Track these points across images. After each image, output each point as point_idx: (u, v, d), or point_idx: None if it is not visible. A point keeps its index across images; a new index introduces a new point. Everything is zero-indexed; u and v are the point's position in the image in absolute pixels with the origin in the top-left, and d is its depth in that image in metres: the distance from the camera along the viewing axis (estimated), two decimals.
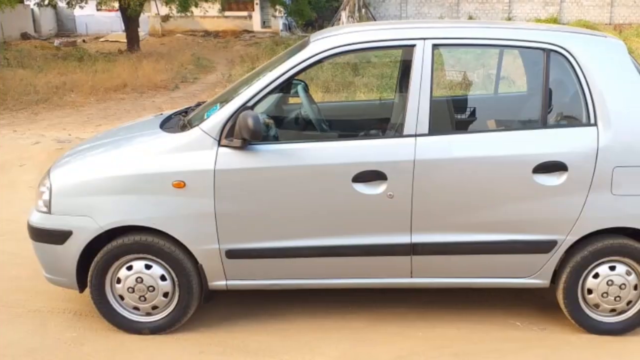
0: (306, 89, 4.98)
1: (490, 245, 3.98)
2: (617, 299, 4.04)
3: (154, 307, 4.07)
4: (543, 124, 3.99)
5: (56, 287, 4.33)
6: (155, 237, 3.94)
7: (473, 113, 5.07)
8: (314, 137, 4.47)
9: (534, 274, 4.06)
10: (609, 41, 4.13)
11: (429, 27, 4.19)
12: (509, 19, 37.71)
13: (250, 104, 3.88)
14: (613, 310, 4.10)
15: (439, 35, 4.05)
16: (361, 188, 3.84)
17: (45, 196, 4.01)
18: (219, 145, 3.84)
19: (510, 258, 4.02)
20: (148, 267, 4.00)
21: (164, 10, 27.14)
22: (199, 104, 4.82)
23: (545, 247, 3.98)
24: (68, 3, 24.17)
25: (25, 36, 28.60)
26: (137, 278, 3.99)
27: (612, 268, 4.02)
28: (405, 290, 4.53)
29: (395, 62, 7.45)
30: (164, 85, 16.26)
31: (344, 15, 30.63)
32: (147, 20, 31.90)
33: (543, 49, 3.96)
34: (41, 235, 4.05)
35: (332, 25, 24.07)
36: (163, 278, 4.00)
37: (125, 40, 24.49)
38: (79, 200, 3.94)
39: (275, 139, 4.11)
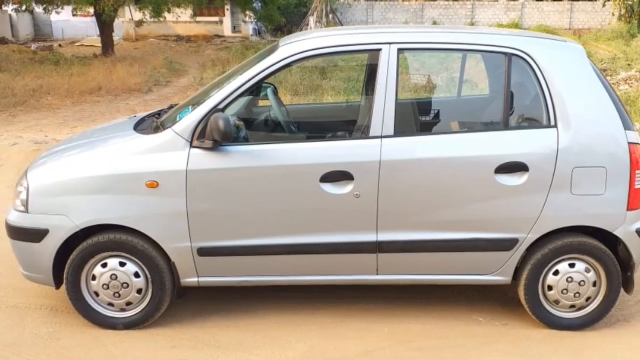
0: (275, 91, 5.26)
1: (453, 243, 4.24)
2: (577, 295, 4.33)
3: (128, 303, 4.32)
4: (505, 125, 4.26)
5: (33, 284, 4.58)
6: (129, 236, 4.18)
7: (437, 115, 5.35)
8: (282, 139, 4.77)
9: (496, 271, 4.33)
10: (568, 45, 4.40)
11: (394, 32, 4.45)
12: (472, 24, 39.53)
13: (221, 106, 4.12)
14: (572, 306, 4.38)
15: (403, 40, 4.30)
16: (329, 188, 4.09)
17: (23, 195, 4.24)
18: (191, 146, 4.08)
19: (473, 256, 4.29)
20: (122, 264, 4.25)
21: (137, 15, 28.20)
22: (171, 107, 5.07)
23: (506, 245, 4.25)
24: (45, 8, 24.88)
25: (2, 41, 29.22)
26: (111, 275, 4.24)
27: (572, 265, 4.31)
28: (372, 286, 4.81)
29: (362, 66, 7.74)
30: (137, 88, 16.82)
31: (312, 20, 31.87)
32: (121, 25, 33.31)
33: (505, 53, 4.23)
34: (19, 233, 4.28)
35: (301, 30, 25.04)
36: (137, 275, 4.26)
37: (100, 45, 25.40)
38: (55, 200, 4.17)
39: (245, 140, 4.36)
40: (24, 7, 24.06)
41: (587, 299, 4.36)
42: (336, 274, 4.37)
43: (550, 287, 4.33)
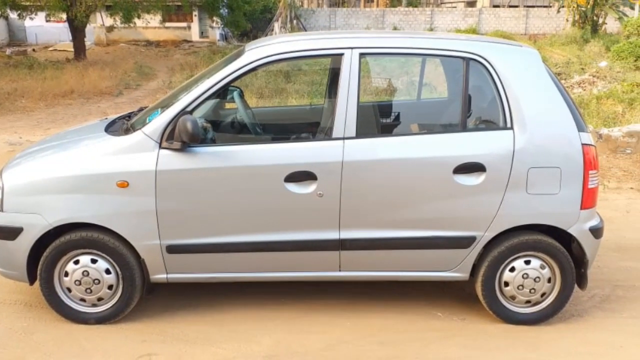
0: (241, 94, 5.38)
1: (413, 241, 4.37)
2: (532, 291, 4.48)
3: (100, 299, 4.46)
4: (463, 127, 4.40)
5: (8, 280, 4.71)
6: (101, 234, 4.31)
7: (397, 117, 5.48)
8: (248, 140, 4.91)
9: (454, 267, 4.47)
10: (524, 50, 4.55)
11: (356, 37, 4.57)
12: (431, 29, 40.55)
13: (189, 109, 4.25)
14: (528, 301, 4.53)
15: (365, 45, 4.43)
16: (293, 187, 4.22)
17: None
18: (160, 147, 4.20)
19: (433, 253, 4.43)
20: (94, 261, 4.38)
21: (108, 21, 29.34)
22: (141, 109, 5.18)
23: (465, 242, 4.39)
24: (19, 14, 25.66)
25: None
26: (83, 271, 4.37)
27: (527, 262, 4.46)
28: (334, 282, 4.95)
29: (325, 70, 7.89)
30: (108, 91, 17.23)
31: (276, 26, 32.83)
32: (93, 31, 34.48)
33: (463, 58, 4.36)
34: None
35: (266, 36, 25.70)
36: (108, 271, 4.40)
37: (72, 50, 26.08)
38: (29, 199, 4.30)
39: (213, 142, 4.47)
40: None
41: (542, 294, 4.51)
42: (300, 271, 4.50)
43: (506, 283, 4.48)
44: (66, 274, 4.41)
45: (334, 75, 4.75)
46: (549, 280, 4.49)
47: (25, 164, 4.56)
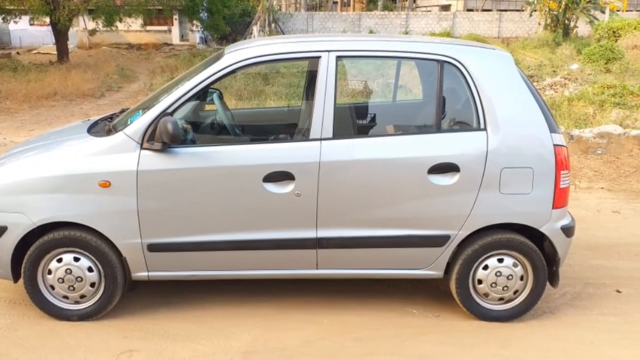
0: (221, 96, 5.20)
1: (389, 239, 4.21)
2: (505, 288, 4.32)
3: (82, 296, 4.29)
4: (437, 128, 4.23)
5: None
6: (83, 232, 4.14)
7: (373, 119, 5.31)
8: (228, 141, 4.72)
9: (429, 265, 4.31)
10: (497, 53, 4.38)
11: (333, 40, 4.40)
12: (406, 32, 40.14)
13: (169, 110, 4.09)
14: (501, 299, 4.37)
15: (342, 48, 4.26)
16: (271, 187, 4.06)
17: None
18: (141, 148, 4.04)
19: (408, 251, 4.26)
20: (76, 259, 4.21)
21: (91, 24, 29.14)
22: (123, 111, 5.02)
23: (439, 241, 4.23)
24: (3, 18, 25.56)
25: None
26: (66, 269, 4.21)
27: (501, 260, 4.30)
28: (312, 280, 4.78)
29: (302, 73, 7.72)
30: (91, 93, 17.00)
31: (255, 29, 32.78)
32: (76, 34, 34.01)
33: (437, 60, 4.20)
34: None
35: (245, 39, 25.45)
36: (90, 269, 4.23)
37: (55, 53, 25.66)
38: (13, 199, 4.13)
39: (193, 143, 4.31)
40: None
41: (515, 292, 4.36)
42: (278, 269, 4.34)
43: (480, 281, 4.32)
44: (49, 272, 4.25)
45: (312, 78, 4.59)
46: (522, 278, 4.33)
47: (9, 165, 4.39)
